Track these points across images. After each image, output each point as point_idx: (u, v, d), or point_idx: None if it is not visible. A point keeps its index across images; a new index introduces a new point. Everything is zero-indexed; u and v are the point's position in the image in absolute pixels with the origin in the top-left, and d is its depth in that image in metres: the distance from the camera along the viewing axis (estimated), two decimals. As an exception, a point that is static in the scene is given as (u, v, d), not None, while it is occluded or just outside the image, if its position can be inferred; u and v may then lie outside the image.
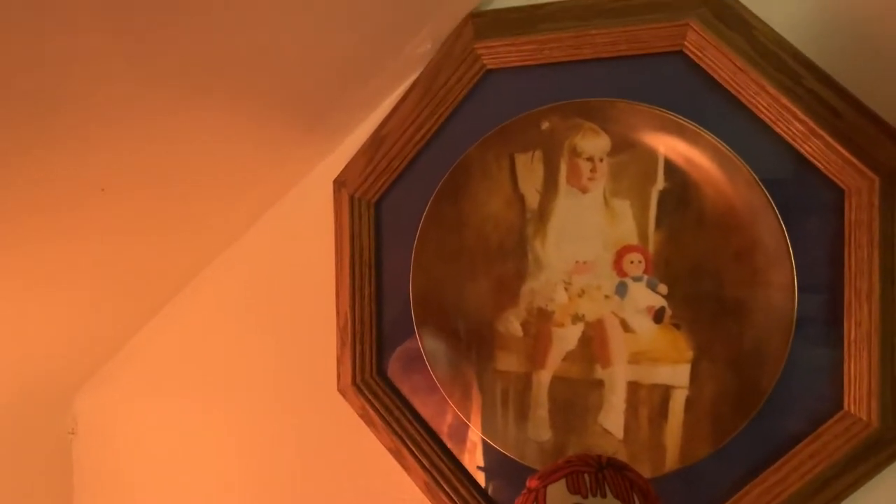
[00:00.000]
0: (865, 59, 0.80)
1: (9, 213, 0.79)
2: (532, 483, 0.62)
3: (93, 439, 1.30)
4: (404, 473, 1.00)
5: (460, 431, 0.99)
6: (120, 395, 1.26)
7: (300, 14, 0.78)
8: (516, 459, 0.95)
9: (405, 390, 1.02)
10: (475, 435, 0.98)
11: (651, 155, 0.89)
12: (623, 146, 0.90)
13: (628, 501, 0.59)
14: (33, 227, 0.84)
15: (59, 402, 1.31)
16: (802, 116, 0.78)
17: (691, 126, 0.86)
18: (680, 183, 0.88)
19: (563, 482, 0.60)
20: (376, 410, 1.00)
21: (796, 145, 0.80)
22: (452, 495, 0.96)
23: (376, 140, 1.00)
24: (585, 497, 0.59)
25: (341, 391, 1.03)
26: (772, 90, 0.79)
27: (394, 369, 1.02)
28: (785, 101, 0.79)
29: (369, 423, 1.02)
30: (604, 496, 0.59)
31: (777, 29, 0.81)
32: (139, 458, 1.25)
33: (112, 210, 0.90)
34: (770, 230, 0.84)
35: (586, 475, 0.60)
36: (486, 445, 0.97)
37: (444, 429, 1.00)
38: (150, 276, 1.15)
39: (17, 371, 1.16)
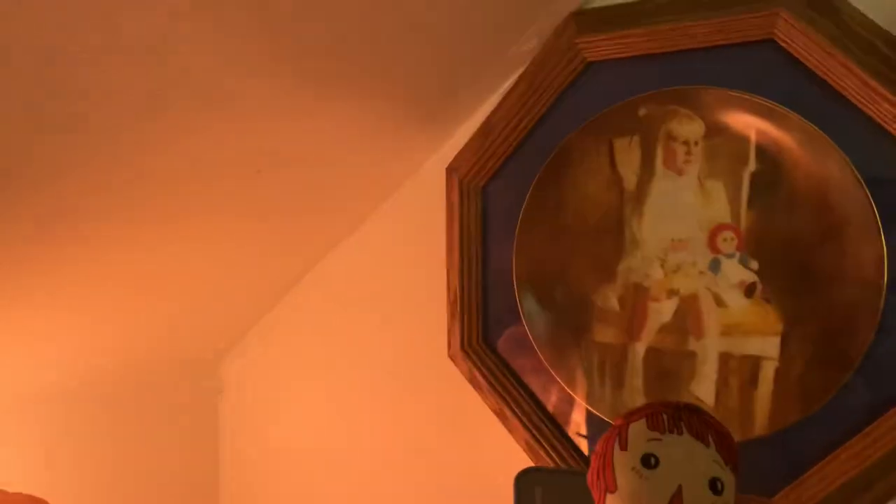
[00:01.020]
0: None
1: (173, 184, 0.95)
2: (617, 421, 0.70)
3: (237, 398, 1.45)
4: (508, 434, 1.09)
5: (559, 397, 1.07)
6: (260, 360, 1.42)
7: (421, 19, 0.89)
8: (612, 422, 1.01)
9: (510, 359, 1.11)
10: (573, 400, 1.05)
11: (743, 138, 0.94)
12: (716, 130, 0.95)
13: (703, 440, 0.65)
14: (195, 199, 0.99)
15: (207, 366, 1.47)
16: (891, 97, 0.81)
17: (781, 110, 0.91)
18: (771, 164, 0.92)
19: (643, 421, 0.67)
20: (482, 374, 1.10)
21: (885, 125, 0.84)
22: (552, 453, 1.04)
23: (485, 130, 1.10)
24: (662, 433, 0.65)
25: (451, 357, 1.14)
26: (860, 73, 0.83)
27: (499, 340, 1.12)
28: (874, 83, 0.82)
29: (476, 386, 1.11)
30: (680, 434, 0.65)
31: (866, 12, 0.84)
32: (278, 415, 1.40)
33: (263, 191, 1.05)
34: (860, 207, 0.87)
35: (664, 415, 0.67)
36: (583, 410, 1.04)
37: (545, 394, 1.08)
38: (287, 254, 1.30)
39: (171, 339, 1.33)
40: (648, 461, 0.64)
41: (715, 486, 0.63)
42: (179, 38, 0.69)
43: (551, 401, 1.08)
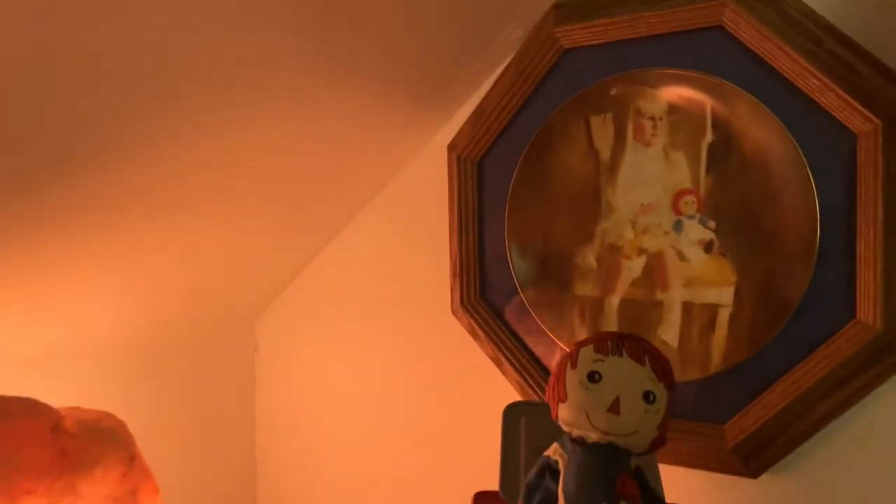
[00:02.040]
0: (884, 21, 0.94)
1: (213, 168, 1.11)
2: (571, 348, 0.83)
3: (273, 357, 1.58)
4: (502, 377, 1.23)
5: (546, 343, 1.20)
6: (293, 318, 1.55)
7: (423, 13, 1.02)
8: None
9: (503, 312, 1.25)
10: (556, 346, 1.18)
11: (700, 113, 1.05)
12: (677, 107, 1.07)
13: (640, 361, 0.77)
14: (233, 182, 1.15)
15: (243, 325, 1.59)
16: (818, 74, 0.94)
17: (731, 87, 1.02)
18: (724, 135, 1.04)
19: (591, 346, 0.79)
20: (480, 326, 1.24)
21: (815, 98, 0.96)
22: (538, 391, 1.17)
23: (479, 111, 1.22)
24: (606, 355, 0.78)
25: (453, 312, 1.28)
26: (792, 53, 0.95)
27: (494, 296, 1.26)
28: (803, 62, 0.94)
29: (475, 336, 1.25)
30: (620, 356, 0.77)
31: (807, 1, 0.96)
32: (311, 372, 1.53)
33: (281, 169, 1.20)
34: (797, 171, 0.98)
35: (609, 341, 0.79)
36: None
37: (533, 341, 1.21)
38: (313, 223, 1.43)
39: (207, 299, 1.43)
40: (593, 377, 0.77)
41: (648, 397, 0.75)
42: (227, 43, 0.84)
43: (538, 347, 1.21)
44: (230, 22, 0.83)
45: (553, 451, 0.80)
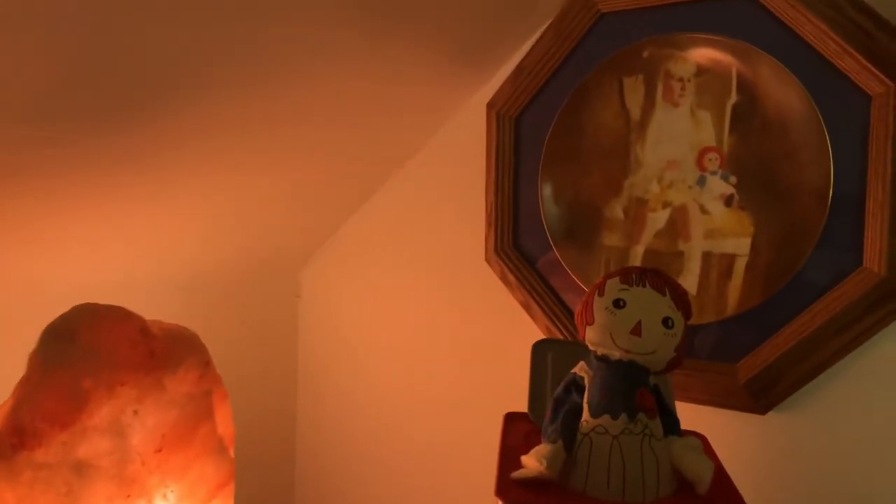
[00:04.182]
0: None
1: (269, 120, 1.19)
2: (599, 280, 0.92)
3: (315, 303, 1.66)
4: (532, 321, 1.32)
5: (574, 289, 1.29)
6: (335, 267, 1.64)
7: None
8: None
9: (534, 261, 1.33)
10: (584, 292, 1.26)
11: (726, 75, 1.12)
12: (705, 69, 1.14)
13: (661, 291, 0.84)
14: (280, 133, 1.23)
15: (287, 272, 1.68)
16: (838, 39, 1.00)
17: (757, 51, 1.09)
18: (748, 96, 1.11)
19: (617, 277, 0.87)
20: (512, 272, 1.32)
21: (834, 62, 1.03)
22: (566, 334, 1.26)
23: (519, 71, 1.28)
24: (630, 285, 0.85)
25: (487, 260, 1.35)
26: (815, 20, 1.02)
27: (526, 245, 1.34)
28: (825, 27, 1.01)
29: (506, 283, 1.34)
30: (643, 287, 0.85)
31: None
32: (351, 318, 1.61)
33: (326, 125, 1.28)
34: (815, 130, 1.05)
35: (633, 273, 0.86)
36: None
37: (562, 287, 1.29)
38: (355, 177, 1.52)
39: (253, 246, 1.50)
40: (618, 303, 0.84)
41: (667, 322, 0.83)
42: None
43: (566, 293, 1.30)
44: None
45: (579, 369, 0.89)
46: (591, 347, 0.87)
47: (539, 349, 1.07)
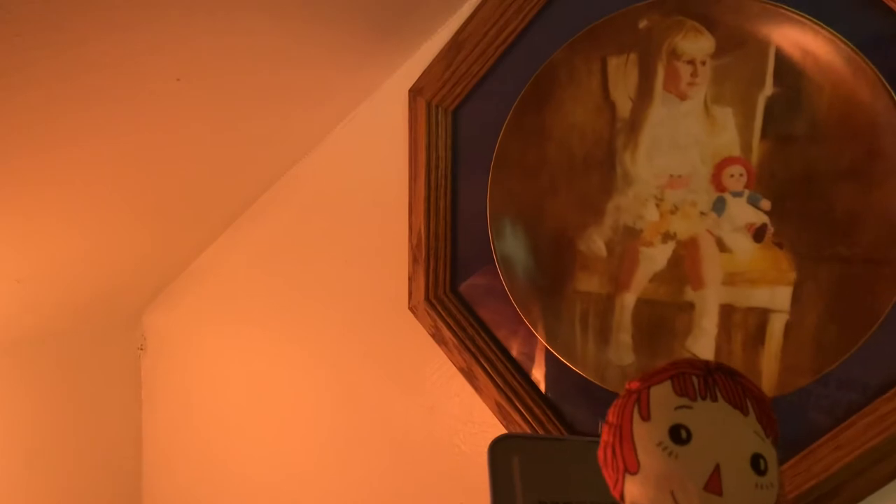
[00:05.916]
0: None
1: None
2: (633, 385, 0.59)
3: (160, 355, 1.41)
4: (475, 394, 1.02)
5: (536, 353, 1.00)
6: (186, 313, 1.37)
7: None
8: (596, 383, 0.94)
9: (479, 311, 1.04)
10: (552, 356, 0.98)
11: (759, 58, 0.86)
12: (728, 47, 0.87)
13: (742, 408, 0.55)
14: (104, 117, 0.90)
15: (128, 318, 1.46)
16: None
17: (808, 22, 0.82)
18: (791, 88, 0.84)
19: (668, 383, 0.57)
20: (449, 328, 1.04)
21: (933, 40, 0.74)
22: (527, 416, 0.97)
23: (455, 45, 1.04)
24: (694, 399, 0.55)
25: (412, 309, 1.08)
26: (909, -23, 0.73)
27: (469, 290, 1.05)
28: (924, -12, 0.72)
29: (440, 341, 1.05)
30: (714, 400, 0.55)
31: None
32: (204, 374, 1.36)
33: (170, 127, 0.99)
34: (892, 138, 0.79)
35: (694, 377, 0.57)
36: (563, 367, 0.97)
37: (519, 350, 1.01)
38: (217, 192, 1.22)
39: (89, 285, 1.28)
40: (679, 434, 0.54)
41: (758, 463, 0.54)
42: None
43: (528, 359, 1.01)
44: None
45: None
46: (636, 513, 0.54)
47: (500, 450, 0.83)
